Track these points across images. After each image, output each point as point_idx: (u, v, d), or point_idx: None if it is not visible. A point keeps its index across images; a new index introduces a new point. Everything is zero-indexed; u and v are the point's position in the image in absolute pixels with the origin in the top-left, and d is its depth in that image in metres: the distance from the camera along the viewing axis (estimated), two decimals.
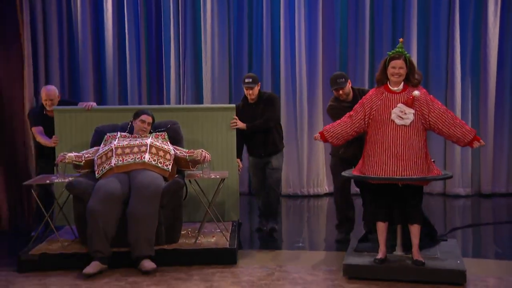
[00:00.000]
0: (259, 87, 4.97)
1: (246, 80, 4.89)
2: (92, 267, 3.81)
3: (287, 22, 6.97)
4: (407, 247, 3.89)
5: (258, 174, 5.16)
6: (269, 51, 7.07)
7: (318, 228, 5.98)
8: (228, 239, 4.33)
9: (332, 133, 4.00)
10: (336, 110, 4.52)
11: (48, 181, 4.26)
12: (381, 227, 3.85)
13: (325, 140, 4.05)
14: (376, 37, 6.98)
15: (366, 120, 3.86)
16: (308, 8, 6.95)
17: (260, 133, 4.98)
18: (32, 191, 4.21)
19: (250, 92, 4.90)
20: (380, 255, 3.80)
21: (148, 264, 3.85)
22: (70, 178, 4.23)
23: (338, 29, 7.05)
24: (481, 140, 3.80)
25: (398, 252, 3.93)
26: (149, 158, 4.25)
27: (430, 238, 4.15)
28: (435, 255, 3.89)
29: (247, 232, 5.42)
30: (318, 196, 7.13)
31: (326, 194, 7.13)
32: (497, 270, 4.10)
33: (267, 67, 7.09)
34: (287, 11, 6.95)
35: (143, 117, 4.51)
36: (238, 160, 5.12)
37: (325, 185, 7.19)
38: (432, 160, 3.90)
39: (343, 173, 4.05)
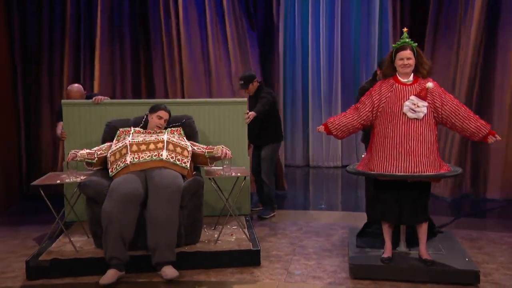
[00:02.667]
0: (255, 85, 5.30)
1: (239, 82, 5.33)
2: (109, 277, 3.49)
3: (313, 28, 8.66)
4: (410, 242, 3.73)
5: (253, 160, 5.44)
6: (299, 51, 8.74)
7: (336, 194, 7.09)
8: (249, 238, 4.11)
9: (336, 125, 3.71)
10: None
11: (58, 181, 3.89)
12: (388, 226, 3.64)
13: (328, 132, 3.76)
14: (384, 38, 8.43)
15: (374, 112, 3.58)
16: (329, 13, 8.54)
17: (260, 123, 5.16)
18: (41, 190, 3.87)
19: (245, 91, 5.35)
20: (386, 254, 3.61)
21: (170, 272, 3.54)
22: (83, 177, 3.90)
23: (352, 35, 8.64)
24: (496, 135, 3.52)
25: (402, 248, 3.74)
26: (167, 156, 3.94)
27: (428, 231, 3.88)
28: (439, 251, 3.74)
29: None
30: (336, 167, 8.70)
31: (343, 166, 8.48)
32: (477, 226, 4.98)
33: (298, 65, 8.78)
34: (314, 20, 8.59)
35: (161, 113, 4.24)
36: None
37: (342, 159, 8.74)
38: None
39: (347, 168, 3.81)
